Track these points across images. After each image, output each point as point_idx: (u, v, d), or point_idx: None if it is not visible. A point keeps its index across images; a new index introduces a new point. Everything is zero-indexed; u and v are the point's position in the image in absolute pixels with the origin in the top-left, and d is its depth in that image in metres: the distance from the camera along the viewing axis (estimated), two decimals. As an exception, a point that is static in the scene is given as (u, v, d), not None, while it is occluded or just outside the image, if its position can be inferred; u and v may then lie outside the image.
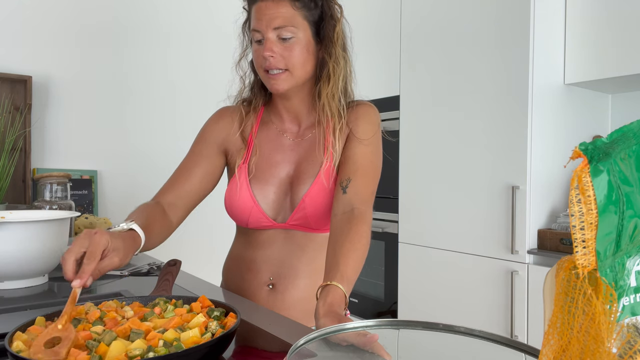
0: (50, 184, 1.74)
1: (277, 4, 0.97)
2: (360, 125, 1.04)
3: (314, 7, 1.00)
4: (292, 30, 0.98)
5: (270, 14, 0.97)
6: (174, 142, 2.58)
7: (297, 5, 0.98)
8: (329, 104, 1.03)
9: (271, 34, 0.98)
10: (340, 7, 1.05)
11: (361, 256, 0.89)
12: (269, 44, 0.98)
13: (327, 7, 1.03)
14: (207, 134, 1.12)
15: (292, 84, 1.01)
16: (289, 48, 0.99)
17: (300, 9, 0.98)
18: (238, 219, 1.08)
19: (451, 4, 2.16)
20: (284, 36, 0.98)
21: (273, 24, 0.97)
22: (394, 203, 2.42)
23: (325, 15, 1.02)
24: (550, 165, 1.95)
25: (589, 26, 1.93)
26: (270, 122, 1.12)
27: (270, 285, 1.06)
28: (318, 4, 1.01)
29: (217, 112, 1.16)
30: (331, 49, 1.02)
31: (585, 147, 0.33)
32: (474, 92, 2.06)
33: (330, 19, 1.02)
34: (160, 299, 0.78)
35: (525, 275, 1.87)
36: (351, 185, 0.98)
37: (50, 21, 2.23)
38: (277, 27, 0.97)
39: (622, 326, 0.35)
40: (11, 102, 2.07)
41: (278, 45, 0.98)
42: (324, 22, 1.02)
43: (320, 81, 1.03)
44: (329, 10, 1.03)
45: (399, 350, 0.64)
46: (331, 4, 1.03)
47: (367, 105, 1.09)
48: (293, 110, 1.09)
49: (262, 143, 1.10)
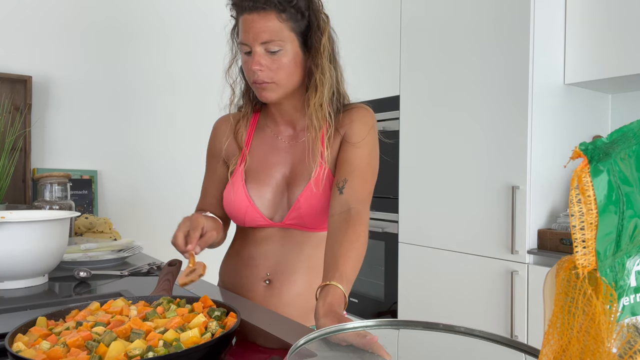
0: (50, 184, 1.74)
1: (264, 17, 0.96)
2: (355, 128, 1.05)
3: (300, 18, 1.00)
4: (279, 43, 0.98)
5: (257, 28, 0.97)
6: (174, 142, 2.58)
7: (284, 17, 0.97)
8: (316, 114, 1.04)
9: (259, 48, 0.98)
10: (327, 17, 1.05)
11: (359, 255, 0.89)
12: (257, 58, 0.98)
13: (314, 17, 1.02)
14: (211, 149, 1.18)
15: (280, 94, 1.03)
16: (277, 61, 0.99)
17: (286, 20, 0.98)
18: (235, 218, 1.11)
19: (451, 4, 2.16)
20: (272, 50, 0.98)
21: (260, 39, 0.97)
22: (394, 203, 2.42)
23: (312, 25, 1.02)
24: (550, 165, 1.95)
25: (589, 26, 1.93)
26: (265, 126, 1.14)
27: (267, 281, 1.08)
28: (305, 14, 1.01)
29: (214, 125, 1.20)
30: (317, 60, 1.02)
31: (585, 147, 0.33)
32: (474, 92, 2.06)
33: (317, 29, 1.02)
34: (164, 299, 0.79)
35: (525, 275, 1.87)
36: (347, 186, 0.99)
37: (51, 21, 2.23)
38: (265, 42, 0.97)
39: (622, 326, 0.35)
40: (11, 102, 2.07)
41: (266, 58, 0.99)
42: (310, 32, 1.02)
43: (309, 90, 1.05)
44: (315, 20, 1.02)
45: (399, 350, 0.64)
46: (317, 14, 1.03)
47: (362, 107, 1.10)
48: (286, 114, 1.11)
49: (257, 146, 1.12)
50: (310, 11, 1.01)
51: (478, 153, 2.04)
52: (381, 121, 2.47)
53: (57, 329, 0.68)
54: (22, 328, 0.67)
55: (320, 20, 1.03)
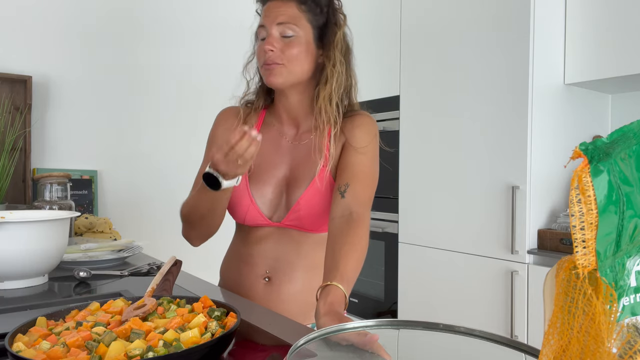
0: (50, 184, 1.74)
1: (285, 3, 1.03)
2: (357, 134, 1.06)
3: (319, 12, 1.05)
4: (294, 28, 1.02)
5: (276, 11, 1.02)
6: (174, 142, 2.58)
7: (303, 8, 1.03)
8: (324, 108, 1.05)
9: (274, 30, 1.02)
10: (344, 16, 1.09)
11: (360, 258, 0.90)
12: (271, 39, 1.02)
13: (332, 15, 1.07)
14: (215, 138, 1.17)
15: (287, 78, 1.03)
16: (289, 45, 1.02)
17: (305, 12, 1.03)
18: (236, 215, 1.11)
19: (451, 3, 2.16)
20: (286, 34, 1.02)
21: (277, 20, 1.01)
22: (394, 203, 2.42)
23: (329, 22, 1.06)
24: (550, 165, 1.95)
25: (589, 26, 1.93)
26: (271, 123, 1.15)
27: (267, 279, 1.09)
28: (324, 10, 1.05)
29: (220, 114, 1.19)
30: (330, 53, 1.05)
31: (585, 147, 0.33)
32: (474, 92, 2.06)
33: (334, 26, 1.06)
34: (164, 299, 0.79)
35: (525, 275, 1.87)
36: (349, 190, 1.00)
37: (51, 21, 2.23)
38: (281, 23, 1.01)
39: (622, 326, 0.35)
40: (11, 102, 2.07)
41: (279, 42, 1.02)
42: (327, 28, 1.06)
43: (319, 84, 1.06)
44: (333, 18, 1.07)
45: (399, 350, 0.64)
46: (336, 12, 1.07)
47: (365, 115, 1.11)
48: (292, 111, 1.11)
49: (262, 143, 1.11)
50: (329, 8, 1.06)
51: (478, 153, 2.04)
52: (381, 121, 2.47)
53: (57, 329, 0.68)
54: (22, 328, 0.67)
55: (338, 18, 1.07)
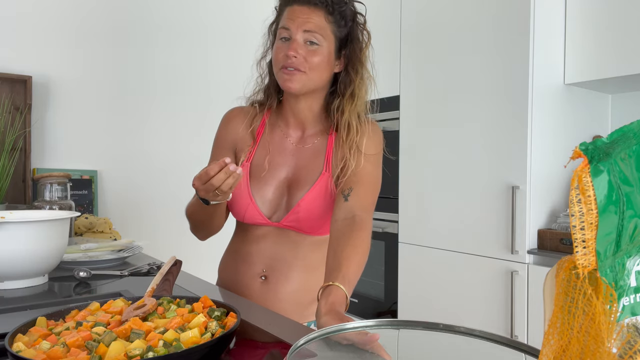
0: (50, 184, 1.74)
1: (313, 11, 1.02)
2: (366, 143, 1.08)
3: (343, 25, 1.05)
4: (319, 38, 1.02)
5: (304, 17, 1.02)
6: (174, 142, 2.58)
7: (330, 19, 1.03)
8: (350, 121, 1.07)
9: (300, 36, 1.02)
10: (369, 34, 1.10)
11: (362, 260, 0.91)
12: (295, 45, 1.01)
13: (355, 29, 1.07)
14: (221, 139, 1.17)
15: (305, 85, 1.04)
16: (313, 53, 1.02)
17: (331, 22, 1.03)
18: (236, 213, 1.12)
19: (451, 4, 2.16)
20: (312, 40, 1.02)
21: (305, 27, 1.01)
22: (394, 203, 2.42)
23: (351, 36, 1.07)
24: (550, 165, 1.95)
25: (589, 26, 1.93)
26: (276, 124, 1.15)
27: (263, 277, 1.09)
28: (348, 24, 1.06)
29: (227, 114, 1.19)
30: (358, 68, 1.07)
31: (585, 147, 0.33)
32: (474, 91, 2.06)
33: (357, 41, 1.07)
34: (164, 299, 0.79)
35: (525, 275, 1.87)
36: (353, 194, 1.01)
37: (51, 21, 2.22)
38: (308, 31, 1.01)
39: (622, 326, 0.35)
40: (11, 102, 2.07)
41: (303, 48, 1.02)
42: (348, 41, 1.07)
43: (342, 97, 1.08)
44: (355, 32, 1.07)
45: (399, 350, 0.64)
46: (360, 27, 1.08)
47: (375, 124, 1.13)
48: (300, 115, 1.12)
49: (267, 143, 1.13)
50: (353, 23, 1.07)
51: (478, 153, 2.04)
52: (381, 121, 2.47)
53: (57, 329, 0.68)
54: (22, 328, 0.67)
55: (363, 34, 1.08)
